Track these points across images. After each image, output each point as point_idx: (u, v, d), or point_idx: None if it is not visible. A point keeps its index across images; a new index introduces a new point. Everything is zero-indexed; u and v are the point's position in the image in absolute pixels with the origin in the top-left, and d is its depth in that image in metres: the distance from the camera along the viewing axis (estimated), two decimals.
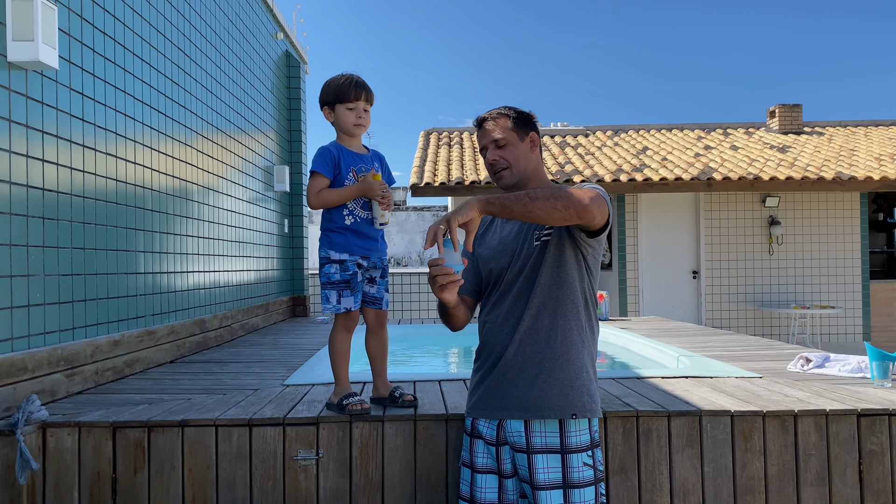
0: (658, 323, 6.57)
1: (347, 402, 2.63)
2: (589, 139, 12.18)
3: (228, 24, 5.72)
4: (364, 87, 2.64)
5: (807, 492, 2.65)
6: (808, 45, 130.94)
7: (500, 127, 2.19)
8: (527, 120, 2.23)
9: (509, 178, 2.21)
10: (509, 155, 2.19)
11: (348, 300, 2.64)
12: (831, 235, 10.30)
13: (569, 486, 2.02)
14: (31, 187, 2.90)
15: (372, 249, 2.68)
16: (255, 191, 6.42)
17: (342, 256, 2.63)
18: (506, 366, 2.12)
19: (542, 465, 2.03)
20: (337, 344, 2.73)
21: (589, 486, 2.04)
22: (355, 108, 2.63)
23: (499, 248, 2.22)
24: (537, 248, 2.12)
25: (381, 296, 2.75)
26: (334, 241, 2.64)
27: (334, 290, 2.64)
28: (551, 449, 2.04)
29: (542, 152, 2.30)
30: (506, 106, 2.24)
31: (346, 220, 2.63)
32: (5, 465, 2.46)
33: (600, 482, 2.09)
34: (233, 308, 5.65)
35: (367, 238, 2.66)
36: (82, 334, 3.30)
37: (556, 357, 2.08)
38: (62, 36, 3.15)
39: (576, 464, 2.03)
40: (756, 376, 3.46)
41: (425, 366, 5.71)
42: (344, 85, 2.62)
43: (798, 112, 12.47)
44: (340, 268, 2.63)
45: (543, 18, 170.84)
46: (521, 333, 2.12)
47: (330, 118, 2.68)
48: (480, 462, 2.18)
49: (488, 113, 2.24)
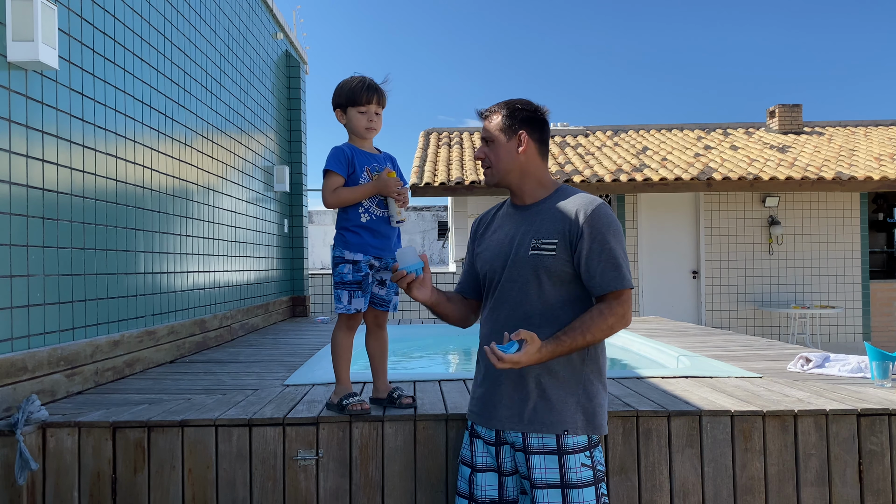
0: (658, 323, 6.57)
1: (347, 403, 2.63)
2: (589, 139, 12.18)
3: (228, 24, 5.72)
4: (376, 91, 2.64)
5: (807, 492, 2.64)
6: (808, 45, 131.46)
7: (492, 123, 2.16)
8: (520, 118, 2.13)
9: (490, 176, 2.18)
10: (492, 153, 2.15)
11: (359, 301, 2.64)
12: (831, 235, 10.30)
13: (567, 487, 2.01)
14: (31, 187, 2.90)
15: (386, 249, 2.66)
16: (255, 191, 6.42)
17: (356, 257, 2.62)
18: (501, 377, 2.11)
19: (539, 465, 2.03)
20: (339, 342, 2.74)
21: (588, 487, 2.03)
22: (367, 112, 2.63)
23: (495, 249, 2.18)
24: (533, 258, 2.06)
25: (389, 298, 2.75)
26: (349, 241, 2.63)
27: (346, 291, 2.63)
28: (548, 450, 2.03)
29: (542, 149, 2.18)
30: (507, 101, 2.17)
31: (361, 218, 2.63)
32: (5, 465, 2.46)
33: (601, 482, 2.07)
34: (233, 308, 5.65)
35: (382, 237, 2.65)
36: (82, 334, 3.30)
37: (551, 375, 2.05)
38: (62, 36, 3.15)
39: (573, 464, 2.02)
40: (756, 376, 3.46)
41: (425, 366, 5.72)
42: (356, 88, 2.62)
43: (798, 112, 12.47)
44: (354, 268, 2.62)
45: (543, 18, 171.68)
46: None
47: (342, 120, 2.68)
48: (480, 461, 2.17)
49: (489, 107, 2.21)
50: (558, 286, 2.06)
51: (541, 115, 2.17)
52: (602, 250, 2.02)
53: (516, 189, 2.18)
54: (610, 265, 2.01)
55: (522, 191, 2.17)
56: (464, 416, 2.63)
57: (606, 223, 2.03)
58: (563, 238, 2.04)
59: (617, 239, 2.04)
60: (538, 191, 2.16)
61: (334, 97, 2.67)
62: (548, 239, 2.06)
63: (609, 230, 2.03)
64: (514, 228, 2.15)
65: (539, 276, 2.06)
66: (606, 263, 2.01)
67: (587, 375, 2.08)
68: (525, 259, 2.08)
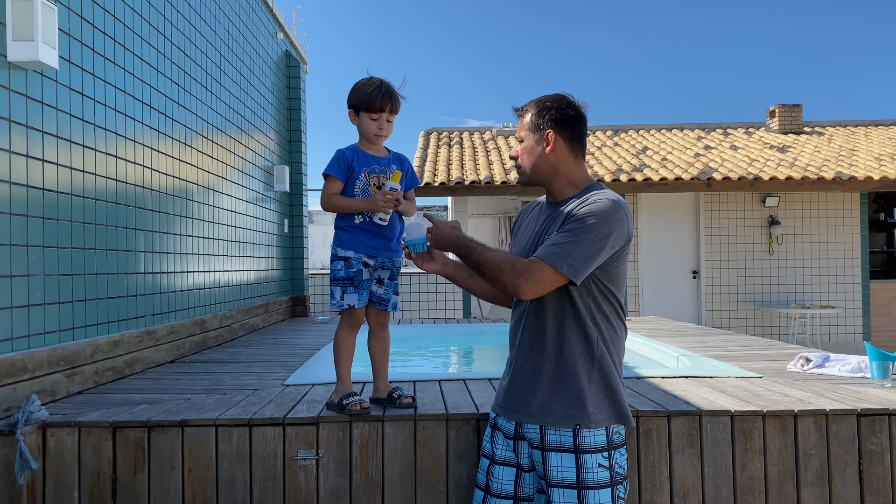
0: (658, 323, 6.57)
1: (347, 402, 2.63)
2: (589, 139, 12.17)
3: (228, 24, 5.72)
4: (390, 99, 2.64)
5: (807, 492, 2.64)
6: (809, 44, 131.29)
7: (523, 122, 2.17)
8: (548, 117, 2.11)
9: (521, 176, 2.20)
10: (522, 153, 2.17)
11: (351, 297, 2.66)
12: (831, 235, 10.30)
13: (583, 487, 2.00)
14: (31, 187, 2.90)
15: (381, 250, 2.68)
16: (255, 191, 6.42)
17: (347, 253, 2.66)
18: (518, 370, 2.15)
19: (556, 464, 2.03)
20: (340, 340, 2.75)
21: (605, 489, 2.01)
22: (378, 119, 2.64)
23: (521, 243, 2.23)
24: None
25: (388, 297, 2.76)
26: (342, 239, 2.68)
27: (339, 287, 2.67)
28: (565, 448, 2.03)
29: (574, 146, 2.14)
30: (539, 99, 2.15)
31: (355, 219, 2.67)
32: (5, 465, 2.46)
33: (618, 484, 2.04)
34: (233, 308, 5.65)
35: (376, 237, 2.67)
36: (82, 334, 3.30)
37: (562, 368, 2.06)
38: (62, 36, 3.14)
39: (590, 464, 2.01)
40: (756, 376, 3.46)
41: (425, 366, 5.72)
42: (371, 94, 2.62)
43: (798, 112, 12.47)
44: (345, 265, 2.66)
45: (544, 17, 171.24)
46: (530, 340, 2.12)
47: (354, 121, 2.70)
48: (500, 454, 2.19)
49: (523, 105, 2.19)
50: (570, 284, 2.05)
51: (572, 112, 2.13)
52: (562, 231, 2.00)
53: (547, 187, 2.19)
54: (553, 241, 2.00)
55: (552, 189, 2.17)
56: (464, 416, 2.64)
57: (586, 211, 1.99)
58: None
59: (587, 232, 1.96)
60: (567, 189, 2.15)
61: (350, 97, 2.68)
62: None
63: (584, 221, 1.98)
64: (540, 225, 2.17)
65: None
66: (553, 239, 2.00)
67: (595, 371, 2.06)
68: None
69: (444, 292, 9.67)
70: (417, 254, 2.27)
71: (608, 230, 1.98)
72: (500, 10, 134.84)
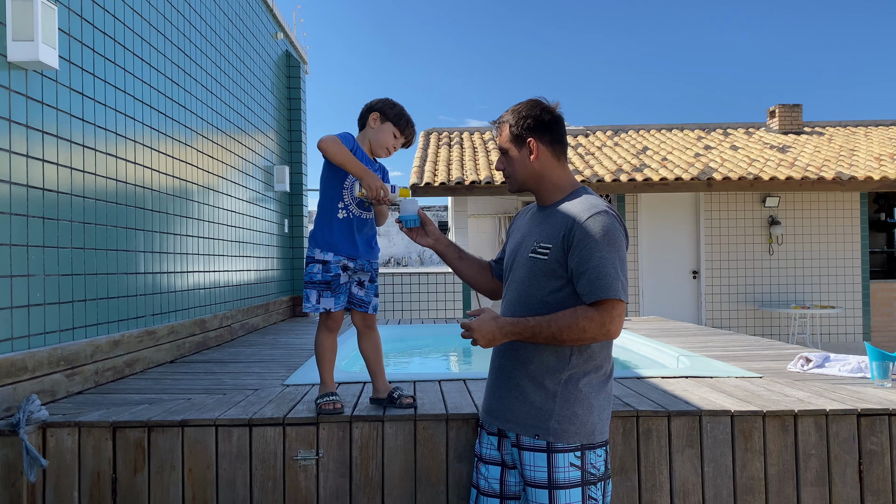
0: (658, 323, 6.57)
1: (320, 401, 2.66)
2: (589, 139, 12.18)
3: (228, 24, 5.72)
4: (413, 133, 2.77)
5: (807, 492, 2.65)
6: (809, 45, 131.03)
7: (503, 135, 2.19)
8: (526, 126, 2.11)
9: (511, 185, 2.23)
10: (508, 164, 2.19)
11: (328, 301, 2.66)
12: (831, 235, 10.30)
13: (554, 487, 2.01)
14: (31, 187, 2.90)
15: (362, 251, 2.69)
16: (255, 191, 6.42)
17: (326, 257, 2.67)
18: (495, 373, 2.20)
19: (530, 463, 2.05)
20: (319, 343, 2.78)
21: (575, 488, 2.00)
22: (396, 139, 2.73)
23: (512, 246, 2.25)
24: (530, 261, 2.10)
25: (368, 300, 2.76)
26: (319, 241, 2.68)
27: (314, 290, 2.67)
28: (538, 448, 2.04)
29: (556, 149, 2.14)
30: (514, 108, 2.16)
31: (339, 214, 2.66)
32: (5, 465, 2.46)
33: (590, 484, 2.02)
34: (233, 308, 5.65)
35: (355, 239, 2.67)
36: (82, 334, 3.30)
37: (530, 378, 2.07)
38: (62, 36, 3.15)
39: (561, 464, 2.01)
40: (756, 376, 3.46)
41: (425, 366, 5.72)
42: (405, 118, 2.74)
43: (798, 112, 12.47)
44: (323, 268, 2.66)
45: (544, 18, 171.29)
46: (506, 345, 2.14)
47: (373, 124, 2.72)
48: (486, 452, 2.22)
49: (499, 118, 2.21)
50: (556, 288, 2.06)
51: (548, 116, 2.13)
52: (589, 259, 1.97)
53: (535, 193, 2.21)
54: (595, 274, 1.96)
55: (541, 194, 2.20)
56: (464, 416, 2.65)
57: (599, 232, 1.97)
58: (558, 244, 2.04)
59: (610, 248, 1.97)
60: (555, 194, 2.16)
61: (381, 104, 2.73)
62: (545, 243, 2.07)
63: (600, 240, 1.97)
64: (529, 229, 2.19)
65: (537, 278, 2.08)
66: (592, 272, 1.96)
67: (567, 383, 2.03)
68: (524, 261, 2.13)
69: (444, 292, 9.67)
70: (410, 228, 2.39)
71: (621, 245, 2.03)
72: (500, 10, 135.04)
